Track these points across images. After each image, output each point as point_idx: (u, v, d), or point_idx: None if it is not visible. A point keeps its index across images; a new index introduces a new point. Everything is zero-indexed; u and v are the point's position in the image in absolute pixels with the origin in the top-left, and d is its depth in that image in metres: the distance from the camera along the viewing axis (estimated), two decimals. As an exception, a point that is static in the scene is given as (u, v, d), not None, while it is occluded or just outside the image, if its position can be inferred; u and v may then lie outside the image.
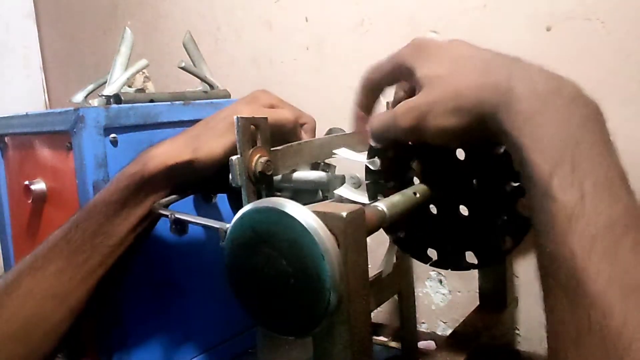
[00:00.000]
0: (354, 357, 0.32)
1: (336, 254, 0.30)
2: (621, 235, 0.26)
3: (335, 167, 0.50)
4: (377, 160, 0.44)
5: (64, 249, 0.46)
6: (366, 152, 0.45)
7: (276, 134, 0.44)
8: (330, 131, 0.56)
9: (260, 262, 0.32)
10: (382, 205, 0.38)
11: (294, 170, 0.47)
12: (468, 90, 0.33)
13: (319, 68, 0.81)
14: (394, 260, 0.48)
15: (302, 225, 0.29)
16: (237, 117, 0.38)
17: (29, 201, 0.58)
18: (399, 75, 0.40)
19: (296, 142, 0.47)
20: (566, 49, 0.58)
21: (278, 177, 0.45)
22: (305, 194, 0.50)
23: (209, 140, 0.46)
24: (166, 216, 0.45)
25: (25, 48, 1.29)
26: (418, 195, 0.41)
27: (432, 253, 0.45)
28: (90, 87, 0.67)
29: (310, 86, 0.81)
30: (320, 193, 0.50)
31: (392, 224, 0.44)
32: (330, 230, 0.30)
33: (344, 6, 0.76)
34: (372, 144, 0.41)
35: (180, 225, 0.45)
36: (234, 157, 0.39)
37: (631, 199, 0.28)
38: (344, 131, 0.54)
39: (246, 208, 0.33)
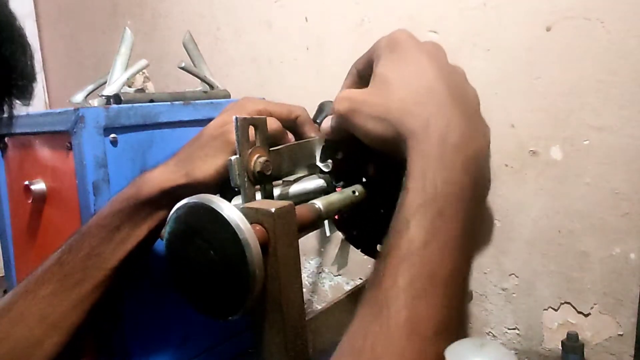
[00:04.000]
0: (287, 341, 0.35)
1: (256, 245, 0.33)
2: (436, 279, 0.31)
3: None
4: (329, 162, 0.46)
5: (57, 272, 0.45)
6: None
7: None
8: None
9: (194, 252, 0.35)
10: (319, 203, 0.41)
11: (292, 182, 0.47)
12: (397, 110, 0.36)
13: (319, 68, 0.81)
14: (347, 256, 0.51)
15: (226, 219, 0.33)
16: (236, 117, 0.38)
17: (29, 201, 0.58)
18: (372, 63, 0.41)
19: (295, 142, 0.47)
20: (566, 48, 0.58)
21: (276, 194, 0.45)
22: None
23: (201, 162, 0.46)
24: None
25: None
26: (357, 193, 0.44)
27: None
28: (90, 87, 0.67)
29: (310, 86, 0.81)
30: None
31: (347, 223, 0.47)
32: (261, 224, 0.34)
33: (344, 6, 0.76)
34: (327, 135, 0.44)
35: None
36: (233, 158, 0.39)
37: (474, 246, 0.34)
38: None
39: (180, 204, 0.36)
